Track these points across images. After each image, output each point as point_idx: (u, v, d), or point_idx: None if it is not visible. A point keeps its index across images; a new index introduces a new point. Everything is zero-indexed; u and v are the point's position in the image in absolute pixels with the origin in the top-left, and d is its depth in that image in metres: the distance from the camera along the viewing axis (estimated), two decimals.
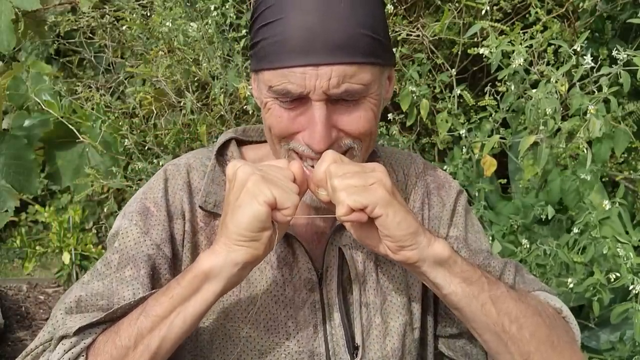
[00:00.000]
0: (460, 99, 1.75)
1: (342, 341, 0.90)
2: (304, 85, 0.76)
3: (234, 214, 0.74)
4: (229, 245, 0.74)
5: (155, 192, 0.91)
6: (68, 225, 3.02)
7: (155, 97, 2.19)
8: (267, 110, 0.83)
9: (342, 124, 0.80)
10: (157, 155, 2.20)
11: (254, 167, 0.76)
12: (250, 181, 0.73)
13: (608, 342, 1.74)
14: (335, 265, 0.91)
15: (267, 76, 0.80)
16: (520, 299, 0.83)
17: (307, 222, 0.94)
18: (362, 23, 0.77)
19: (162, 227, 0.88)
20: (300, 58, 0.76)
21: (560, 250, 1.54)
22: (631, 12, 1.77)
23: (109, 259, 0.87)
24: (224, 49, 1.99)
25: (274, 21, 0.78)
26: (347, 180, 0.74)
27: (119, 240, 0.88)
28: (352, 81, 0.77)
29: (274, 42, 0.78)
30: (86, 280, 0.87)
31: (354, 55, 0.77)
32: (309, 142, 0.80)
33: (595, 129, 1.39)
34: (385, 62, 0.83)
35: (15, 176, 2.80)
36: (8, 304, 3.56)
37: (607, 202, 1.51)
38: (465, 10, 1.75)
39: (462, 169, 1.76)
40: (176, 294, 0.76)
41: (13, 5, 2.63)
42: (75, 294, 0.84)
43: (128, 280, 0.84)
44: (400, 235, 0.75)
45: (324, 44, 0.75)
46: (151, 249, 0.87)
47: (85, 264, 3.05)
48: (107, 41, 2.48)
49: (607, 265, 1.50)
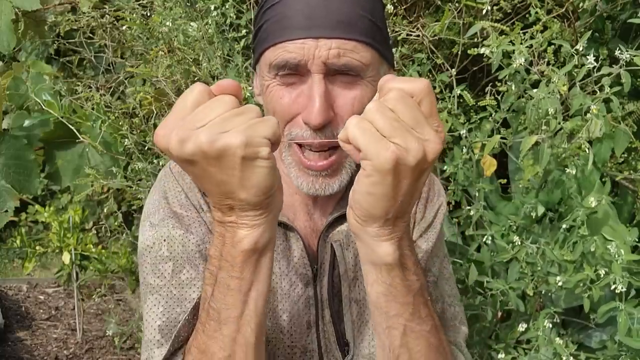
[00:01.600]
0: (460, 99, 1.75)
1: (332, 337, 0.90)
2: (303, 54, 0.77)
3: (244, 186, 0.65)
4: (256, 213, 0.68)
5: (175, 195, 0.89)
6: (68, 225, 3.01)
7: (155, 97, 2.19)
8: (269, 94, 0.82)
9: (337, 104, 0.80)
10: (157, 155, 2.20)
11: (197, 131, 0.62)
12: (231, 150, 0.62)
13: (602, 341, 1.74)
14: (327, 262, 0.91)
15: (267, 55, 0.80)
16: (438, 346, 0.77)
17: (305, 220, 0.94)
18: (363, 6, 0.78)
19: (198, 223, 0.87)
20: (300, 32, 0.77)
21: (547, 248, 1.54)
22: (631, 12, 1.77)
23: (161, 270, 0.84)
24: (224, 49, 1.99)
25: (276, 3, 0.79)
26: (378, 118, 0.63)
27: (165, 249, 0.85)
28: (352, 56, 0.78)
29: (275, 22, 0.79)
30: (150, 305, 0.84)
31: (353, 33, 0.77)
32: (307, 117, 0.79)
33: (596, 129, 1.39)
34: (384, 53, 0.83)
35: (15, 176, 2.80)
36: (8, 304, 3.56)
37: (592, 199, 1.50)
38: (465, 10, 1.75)
39: (462, 169, 1.76)
40: (235, 286, 0.70)
41: (13, 5, 2.62)
42: (153, 326, 0.82)
43: (187, 282, 0.83)
44: (361, 203, 0.68)
45: (324, 19, 0.76)
46: (198, 246, 0.85)
47: (85, 264, 3.05)
48: (107, 41, 2.48)
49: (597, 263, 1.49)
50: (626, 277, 1.40)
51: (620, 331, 1.40)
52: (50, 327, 3.40)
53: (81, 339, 3.21)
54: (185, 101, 0.65)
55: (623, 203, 1.84)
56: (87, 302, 3.49)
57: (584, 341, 1.77)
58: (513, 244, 1.59)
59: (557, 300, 1.71)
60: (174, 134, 0.63)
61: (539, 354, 1.51)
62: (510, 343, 1.68)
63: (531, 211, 1.64)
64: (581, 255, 1.50)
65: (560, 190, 1.69)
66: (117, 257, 2.93)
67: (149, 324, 0.83)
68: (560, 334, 1.68)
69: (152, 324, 0.82)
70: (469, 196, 1.86)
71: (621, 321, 1.39)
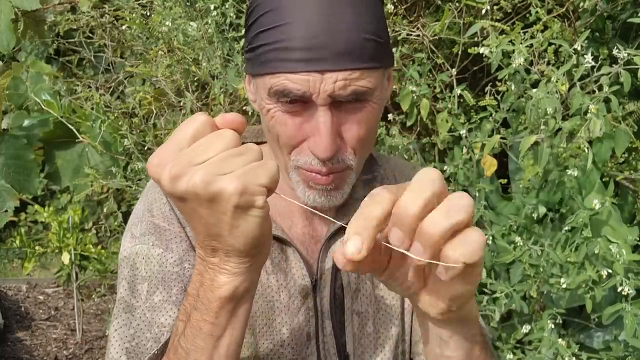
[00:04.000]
0: (460, 98, 1.75)
1: (333, 350, 0.89)
2: (308, 86, 0.74)
3: (232, 233, 0.62)
4: (241, 261, 0.66)
5: (160, 206, 0.87)
6: (68, 225, 3.01)
7: (155, 97, 2.19)
8: (271, 118, 0.79)
9: (343, 129, 0.78)
10: None
11: (193, 169, 0.59)
12: (225, 196, 0.59)
13: (605, 341, 1.74)
14: (329, 272, 0.89)
15: (267, 79, 0.77)
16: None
17: (304, 226, 0.93)
18: (366, 28, 0.75)
19: (179, 238, 0.85)
20: (303, 65, 0.73)
21: (551, 250, 1.54)
22: (631, 12, 1.77)
23: (139, 290, 0.83)
24: (224, 48, 1.99)
25: (275, 27, 0.75)
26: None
27: (142, 268, 0.84)
28: (359, 84, 0.75)
29: (275, 49, 0.75)
30: (121, 323, 0.83)
31: (359, 61, 0.75)
32: (314, 149, 0.77)
33: (595, 129, 1.39)
34: (387, 63, 0.82)
35: (14, 176, 2.80)
36: (8, 304, 3.56)
37: (596, 201, 1.50)
38: (465, 10, 1.75)
39: (462, 169, 1.76)
40: (207, 330, 0.68)
41: (13, 5, 2.63)
42: (121, 346, 0.81)
43: (158, 305, 0.82)
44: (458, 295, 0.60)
45: (329, 52, 0.73)
46: (176, 266, 0.84)
47: (84, 264, 3.05)
48: (107, 41, 2.48)
49: (600, 264, 1.49)
50: (633, 279, 1.40)
51: (627, 332, 1.40)
52: (49, 327, 3.40)
53: (81, 339, 3.21)
54: (186, 131, 0.62)
55: (623, 203, 1.83)
56: (87, 302, 3.49)
57: (584, 341, 1.77)
58: (515, 244, 1.59)
59: (559, 301, 1.70)
60: (168, 168, 0.60)
61: (542, 355, 1.51)
62: (512, 343, 1.68)
63: (532, 212, 1.64)
64: (584, 256, 1.50)
65: (560, 191, 1.69)
66: (116, 257, 2.91)
67: (116, 342, 0.82)
68: (561, 334, 1.68)
69: (119, 344, 0.82)
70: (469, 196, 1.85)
71: (628, 322, 1.39)
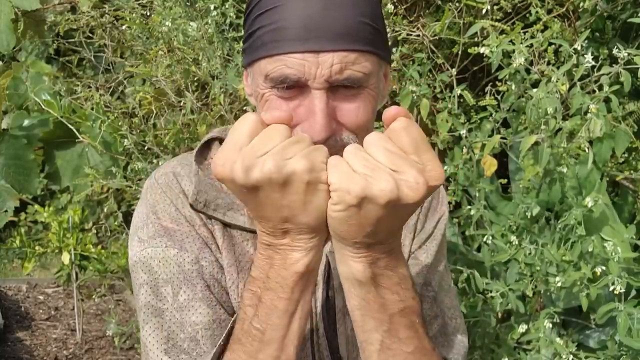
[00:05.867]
0: (460, 98, 1.75)
1: (326, 352, 0.89)
2: (303, 71, 0.74)
3: (306, 210, 0.67)
4: (311, 236, 0.70)
5: (165, 207, 0.87)
6: (68, 225, 3.01)
7: (155, 97, 2.19)
8: (265, 103, 0.80)
9: (340, 115, 0.78)
10: (157, 155, 2.20)
11: (262, 159, 0.65)
12: (298, 175, 0.65)
13: (602, 341, 1.74)
14: (322, 273, 0.89)
15: (263, 64, 0.77)
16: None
17: None
18: (363, 11, 0.76)
19: (191, 237, 0.85)
20: (299, 45, 0.74)
21: (546, 249, 1.54)
22: (631, 12, 1.77)
23: (163, 293, 0.84)
24: (224, 48, 1.99)
25: (272, 9, 0.76)
26: (351, 158, 0.66)
27: (161, 271, 0.84)
28: (354, 68, 0.75)
29: (271, 30, 0.75)
30: (153, 327, 0.83)
31: (355, 43, 0.75)
32: (309, 131, 0.77)
33: (596, 129, 1.39)
34: (384, 55, 0.81)
35: (14, 176, 2.80)
36: (8, 304, 3.56)
37: (589, 198, 1.49)
38: (465, 10, 1.75)
39: (462, 169, 1.76)
40: (283, 307, 0.72)
41: (13, 5, 2.63)
42: (159, 349, 0.82)
43: (185, 305, 0.82)
44: (330, 224, 0.69)
45: (325, 31, 0.73)
46: (194, 264, 0.84)
47: (84, 264, 3.04)
48: (107, 41, 2.48)
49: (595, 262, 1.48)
50: (625, 278, 1.40)
51: (620, 332, 1.40)
52: (49, 327, 3.40)
53: (81, 339, 3.21)
54: (241, 131, 0.67)
55: (623, 203, 1.83)
56: (87, 302, 3.48)
57: (583, 341, 1.77)
58: (511, 244, 1.59)
59: (557, 300, 1.70)
60: (239, 163, 0.65)
61: (540, 355, 1.51)
62: (511, 344, 1.68)
63: (526, 211, 1.64)
64: (579, 254, 1.50)
65: (560, 191, 1.69)
66: (116, 257, 2.92)
67: (154, 346, 0.82)
68: (560, 334, 1.68)
69: (157, 347, 0.82)
70: (470, 196, 1.85)
71: (621, 322, 1.39)
